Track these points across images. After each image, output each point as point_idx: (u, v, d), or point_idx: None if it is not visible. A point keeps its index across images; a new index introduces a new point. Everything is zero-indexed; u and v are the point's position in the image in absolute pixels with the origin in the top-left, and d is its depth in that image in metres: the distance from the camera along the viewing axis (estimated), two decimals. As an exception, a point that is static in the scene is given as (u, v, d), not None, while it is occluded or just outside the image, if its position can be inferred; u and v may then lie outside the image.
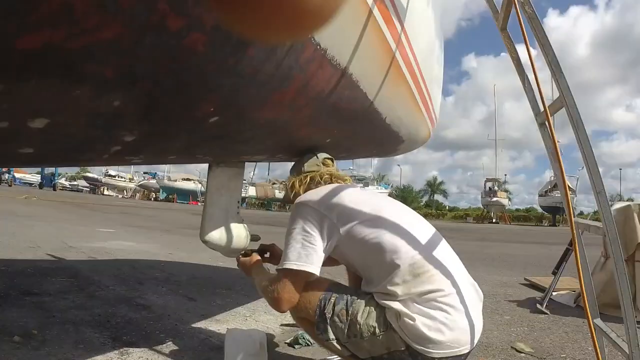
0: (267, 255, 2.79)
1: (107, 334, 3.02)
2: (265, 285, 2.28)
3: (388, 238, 2.17)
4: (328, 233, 2.22)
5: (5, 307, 3.48)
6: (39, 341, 2.79)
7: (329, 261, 2.38)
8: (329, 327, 2.14)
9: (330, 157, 2.75)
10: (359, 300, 2.15)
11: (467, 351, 2.07)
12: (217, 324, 3.51)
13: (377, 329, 2.05)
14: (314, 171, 2.61)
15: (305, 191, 2.50)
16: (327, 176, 2.58)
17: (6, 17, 1.03)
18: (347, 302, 2.15)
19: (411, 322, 1.98)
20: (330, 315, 2.14)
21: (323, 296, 2.20)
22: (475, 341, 2.11)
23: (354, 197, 2.38)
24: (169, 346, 2.91)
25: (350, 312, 2.11)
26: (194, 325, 3.42)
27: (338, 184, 2.55)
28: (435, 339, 1.97)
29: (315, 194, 2.40)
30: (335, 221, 2.23)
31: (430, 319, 1.98)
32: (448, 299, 2.05)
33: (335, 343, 2.14)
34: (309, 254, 2.18)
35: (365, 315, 2.09)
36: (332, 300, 2.17)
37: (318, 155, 2.71)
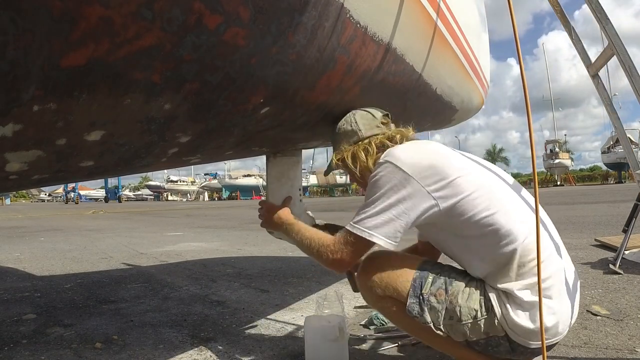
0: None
1: (185, 333, 3.09)
2: (322, 243, 1.96)
3: (502, 219, 1.79)
4: (423, 208, 1.82)
5: (85, 316, 3.60)
6: (119, 346, 2.86)
7: None
8: (425, 309, 1.84)
9: (385, 111, 2.25)
10: (458, 280, 1.88)
11: (561, 338, 1.85)
12: (291, 313, 3.54)
13: (478, 312, 1.80)
14: (377, 135, 2.13)
15: (374, 163, 2.02)
16: (398, 137, 2.12)
17: (48, 39, 1.06)
18: (445, 282, 1.86)
19: (513, 313, 1.75)
20: (427, 297, 1.85)
21: (418, 274, 1.90)
22: (569, 327, 1.86)
23: (453, 161, 1.92)
24: (246, 338, 2.95)
25: (449, 292, 1.84)
26: (269, 316, 3.45)
27: (424, 141, 2.13)
28: (536, 331, 1.70)
29: (404, 153, 1.91)
30: (433, 194, 1.81)
31: (533, 310, 1.73)
32: (553, 287, 1.78)
33: (432, 326, 1.84)
34: (389, 225, 1.81)
35: (465, 296, 1.83)
36: (430, 279, 1.87)
37: (370, 111, 2.22)
